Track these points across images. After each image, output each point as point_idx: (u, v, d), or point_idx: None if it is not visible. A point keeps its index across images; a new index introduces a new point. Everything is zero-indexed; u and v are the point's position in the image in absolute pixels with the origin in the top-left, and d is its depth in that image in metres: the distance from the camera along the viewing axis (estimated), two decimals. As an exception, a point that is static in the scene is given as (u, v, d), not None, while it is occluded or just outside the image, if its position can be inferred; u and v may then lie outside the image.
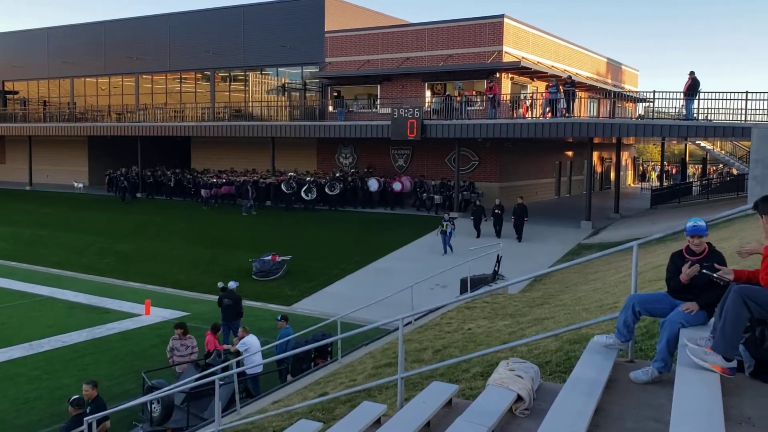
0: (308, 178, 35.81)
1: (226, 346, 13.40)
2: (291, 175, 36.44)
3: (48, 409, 12.89)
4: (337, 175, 36.23)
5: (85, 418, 8.92)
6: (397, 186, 34.34)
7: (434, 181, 34.22)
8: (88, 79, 49.29)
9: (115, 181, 42.76)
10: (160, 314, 19.75)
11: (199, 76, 44.61)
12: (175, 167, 43.72)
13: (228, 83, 43.59)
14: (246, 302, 20.59)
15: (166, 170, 42.87)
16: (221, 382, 9.16)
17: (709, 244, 5.36)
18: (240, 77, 42.98)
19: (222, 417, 8.98)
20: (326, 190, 34.42)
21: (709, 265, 5.11)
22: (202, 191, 37.61)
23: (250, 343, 12.78)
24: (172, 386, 11.09)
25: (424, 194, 33.60)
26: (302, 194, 34.24)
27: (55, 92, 51.16)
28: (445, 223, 25.09)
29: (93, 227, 33.14)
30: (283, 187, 34.98)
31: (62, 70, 49.55)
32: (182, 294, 22.54)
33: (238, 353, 12.62)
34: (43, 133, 46.67)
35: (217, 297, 17.81)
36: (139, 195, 41.69)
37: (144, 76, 46.52)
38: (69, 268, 26.21)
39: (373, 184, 34.67)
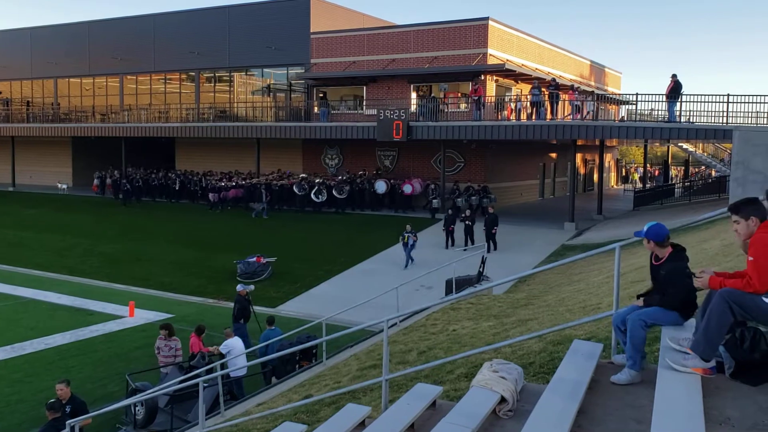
0: (318, 180, 35.30)
1: (210, 349, 13.35)
2: (303, 177, 36.07)
3: (30, 412, 12.76)
4: (346, 177, 35.78)
5: (68, 422, 8.85)
6: (407, 188, 33.75)
7: (448, 183, 33.55)
8: (72, 80, 48.93)
9: (115, 184, 41.94)
10: (144, 316, 19.63)
11: (183, 76, 44.42)
12: (166, 169, 43.52)
13: (213, 84, 43.44)
14: (231, 304, 20.58)
15: (169, 173, 41.94)
16: (205, 385, 9.13)
17: (675, 246, 5.42)
18: (225, 78, 42.84)
19: (206, 419, 8.95)
20: (334, 192, 33.89)
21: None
22: (210, 195, 36.60)
23: (234, 345, 12.74)
24: (155, 389, 11.04)
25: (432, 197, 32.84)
26: (312, 196, 33.79)
27: (39, 92, 50.73)
28: (406, 235, 23.74)
29: (77, 229, 32.89)
30: (295, 189, 34.54)
31: (46, 70, 49.14)
32: (167, 296, 22.42)
33: (222, 355, 12.58)
34: (26, 133, 46.26)
35: (204, 299, 17.72)
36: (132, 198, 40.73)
37: (128, 77, 46.25)
38: (52, 269, 25.98)
39: (380, 186, 34.13)
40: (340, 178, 35.68)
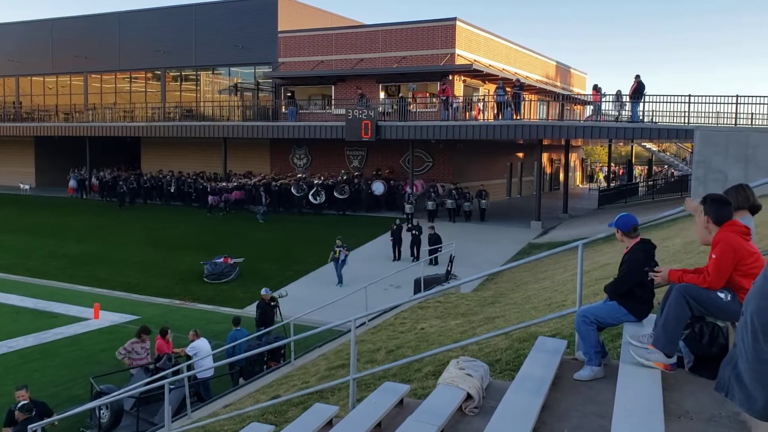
0: (316, 181, 34.45)
1: (177, 350, 13.21)
2: (299, 177, 35.30)
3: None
4: (345, 177, 35.02)
5: (29, 426, 8.71)
6: (409, 189, 32.74)
7: (449, 185, 33.23)
8: (34, 78, 47.97)
9: (103, 185, 40.47)
10: (109, 318, 19.35)
11: (149, 75, 43.86)
12: (119, 168, 42.93)
13: (179, 83, 42.96)
14: (198, 305, 20.41)
15: (164, 174, 40.06)
16: (171, 387, 9.05)
17: (643, 239, 5.53)
18: (191, 77, 42.40)
19: (172, 422, 8.87)
20: (335, 193, 33.07)
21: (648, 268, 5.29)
22: (210, 198, 34.91)
23: (200, 347, 12.63)
24: (120, 391, 10.90)
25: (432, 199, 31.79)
26: (310, 198, 32.99)
27: (0, 91, 49.63)
28: (337, 249, 21.81)
29: (40, 229, 32.26)
30: (293, 190, 33.69)
31: (7, 68, 48.09)
32: (132, 297, 22.12)
33: (188, 357, 12.47)
34: (-13, 133, 45.28)
35: (171, 301, 17.49)
36: (112, 200, 39.16)
37: (93, 76, 45.51)
38: (14, 271, 25.42)
39: (378, 188, 33.59)
40: (340, 178, 34.90)
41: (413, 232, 24.67)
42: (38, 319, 19.43)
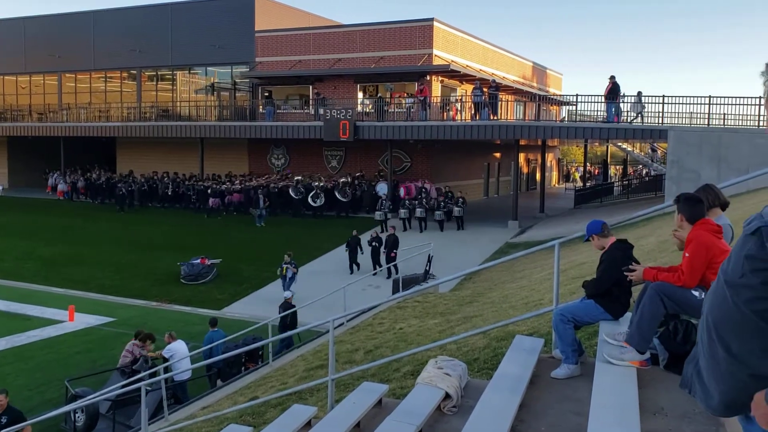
0: (315, 183, 33.36)
1: (152, 353, 13.09)
2: (297, 180, 34.08)
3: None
4: (347, 179, 33.87)
5: (4, 431, 8.57)
6: (404, 192, 31.85)
7: (443, 186, 32.70)
8: (6, 77, 47.22)
9: (94, 187, 39.08)
10: (84, 320, 19.11)
11: (124, 75, 43.41)
12: (103, 168, 42.41)
13: (155, 82, 42.57)
14: (175, 307, 20.26)
15: (163, 176, 38.37)
16: (148, 389, 8.97)
17: (619, 239, 5.62)
18: (167, 76, 42.04)
19: (149, 424, 8.79)
20: (337, 195, 32.10)
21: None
22: (210, 200, 33.63)
23: (176, 349, 12.53)
24: (97, 394, 10.79)
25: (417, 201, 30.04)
26: (309, 200, 31.86)
27: (-30, 90, 48.84)
28: (284, 266, 20.54)
29: (13, 231, 31.77)
30: (291, 192, 32.69)
31: (-23, 67, 47.34)
32: (108, 299, 21.89)
33: (165, 359, 12.36)
34: (-43, 133, 44.48)
35: (147, 302, 17.32)
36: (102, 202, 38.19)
37: (67, 75, 44.92)
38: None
39: (382, 188, 32.48)
40: (343, 180, 33.84)
41: (373, 244, 22.92)
42: (11, 321, 19.14)
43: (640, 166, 48.59)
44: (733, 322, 1.80)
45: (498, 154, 42.89)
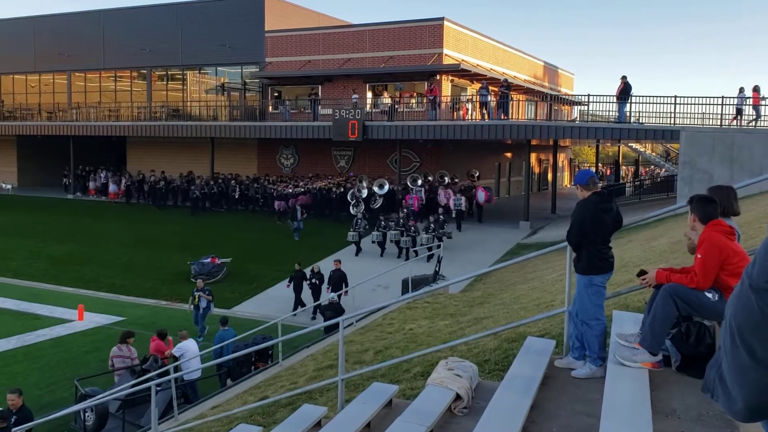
0: (356, 192, 30.14)
1: (167, 352, 13.12)
2: (363, 181, 31.18)
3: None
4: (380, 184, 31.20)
5: (14, 429, 8.60)
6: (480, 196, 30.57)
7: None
8: (16, 76, 47.48)
9: (151, 189, 37.11)
10: (94, 320, 19.19)
11: (135, 74, 43.56)
12: (110, 167, 42.59)
13: (165, 82, 42.70)
14: (184, 306, 20.26)
15: (230, 179, 36.49)
16: (158, 388, 8.98)
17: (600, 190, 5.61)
18: (178, 76, 42.16)
19: (159, 424, 8.80)
20: (370, 204, 29.99)
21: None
22: (276, 203, 31.80)
23: (187, 347, 12.55)
24: (106, 393, 10.81)
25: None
26: (351, 210, 29.10)
27: (-19, 90, 49.15)
28: (196, 294, 17.76)
29: (22, 230, 31.94)
30: (349, 198, 30.15)
31: (-12, 66, 47.65)
32: (117, 298, 21.97)
33: (175, 358, 12.39)
34: (-32, 132, 44.76)
35: (157, 301, 17.31)
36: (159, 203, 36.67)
37: (77, 74, 45.12)
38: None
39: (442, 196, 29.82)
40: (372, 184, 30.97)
41: (313, 281, 19.42)
42: (21, 320, 19.28)
43: (652, 166, 48.34)
44: (757, 326, 1.76)
45: (509, 154, 42.75)
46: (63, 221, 33.65)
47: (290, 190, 32.69)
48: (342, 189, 32.11)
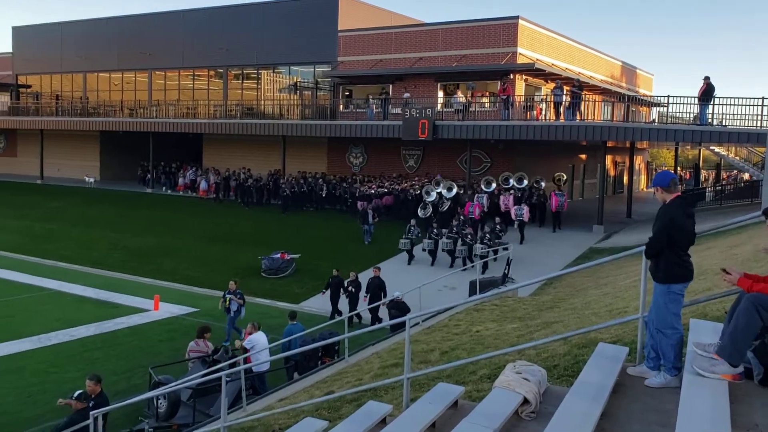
0: (428, 189, 29.22)
1: (237, 343, 13.40)
2: (445, 185, 30.12)
3: (53, 403, 12.90)
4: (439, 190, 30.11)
5: (91, 412, 8.94)
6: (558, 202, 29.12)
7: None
8: (101, 74, 49.54)
9: (239, 187, 37.14)
10: (168, 310, 19.83)
11: (212, 73, 44.73)
12: (189, 164, 43.89)
13: (241, 81, 43.70)
14: (255, 300, 20.69)
15: (317, 178, 36.22)
16: (228, 379, 9.17)
17: (683, 192, 5.38)
18: (253, 75, 43.07)
19: (228, 414, 8.99)
20: (419, 212, 28.72)
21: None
22: (359, 203, 30.34)
23: (257, 340, 12.78)
24: (178, 382, 11.11)
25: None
26: (419, 212, 28.56)
27: (68, 87, 51.42)
28: (228, 297, 16.89)
29: (103, 222, 33.28)
30: (426, 198, 29.46)
31: (75, 64, 49.80)
32: (192, 290, 22.62)
33: (245, 350, 12.64)
34: (55, 127, 46.92)
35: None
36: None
37: (157, 72, 46.71)
38: (78, 262, 26.31)
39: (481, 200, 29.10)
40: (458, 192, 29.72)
41: (350, 289, 18.75)
42: (100, 308, 20.09)
43: (735, 170, 46.39)
44: None
45: (584, 156, 41.80)
46: (140, 214, 34.84)
47: (373, 191, 32.21)
48: (418, 191, 31.19)
